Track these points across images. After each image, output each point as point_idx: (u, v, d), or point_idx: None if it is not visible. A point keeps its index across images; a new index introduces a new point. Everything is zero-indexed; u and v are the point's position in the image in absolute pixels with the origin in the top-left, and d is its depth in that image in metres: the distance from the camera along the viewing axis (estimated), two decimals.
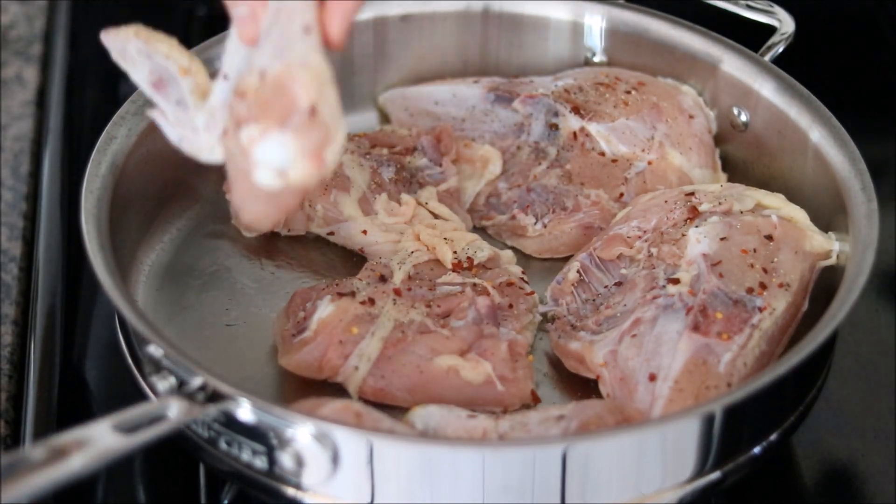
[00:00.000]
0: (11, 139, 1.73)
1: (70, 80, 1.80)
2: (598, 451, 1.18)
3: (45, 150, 1.70)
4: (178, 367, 1.20)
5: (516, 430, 1.25)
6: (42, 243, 1.57)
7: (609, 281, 1.41)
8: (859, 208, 1.35)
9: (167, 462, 1.37)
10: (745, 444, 1.26)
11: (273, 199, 1.21)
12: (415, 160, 1.55)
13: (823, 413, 1.40)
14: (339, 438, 1.17)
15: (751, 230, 1.38)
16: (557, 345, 1.38)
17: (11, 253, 1.59)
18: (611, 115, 1.53)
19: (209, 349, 1.39)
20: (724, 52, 1.54)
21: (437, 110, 1.60)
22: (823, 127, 1.44)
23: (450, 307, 1.37)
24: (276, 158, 1.16)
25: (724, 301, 1.32)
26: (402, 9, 1.62)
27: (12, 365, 1.47)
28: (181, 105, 1.29)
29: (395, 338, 1.34)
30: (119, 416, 1.14)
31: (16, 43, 1.88)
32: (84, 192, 1.35)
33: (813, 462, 1.40)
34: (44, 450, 1.09)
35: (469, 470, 1.17)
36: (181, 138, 1.29)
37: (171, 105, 1.29)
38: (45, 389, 1.42)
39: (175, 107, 1.29)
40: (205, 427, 1.23)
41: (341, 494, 1.20)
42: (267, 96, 1.18)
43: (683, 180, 1.51)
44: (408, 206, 1.49)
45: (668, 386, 1.28)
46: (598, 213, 1.50)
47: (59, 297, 1.52)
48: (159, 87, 1.29)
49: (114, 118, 1.44)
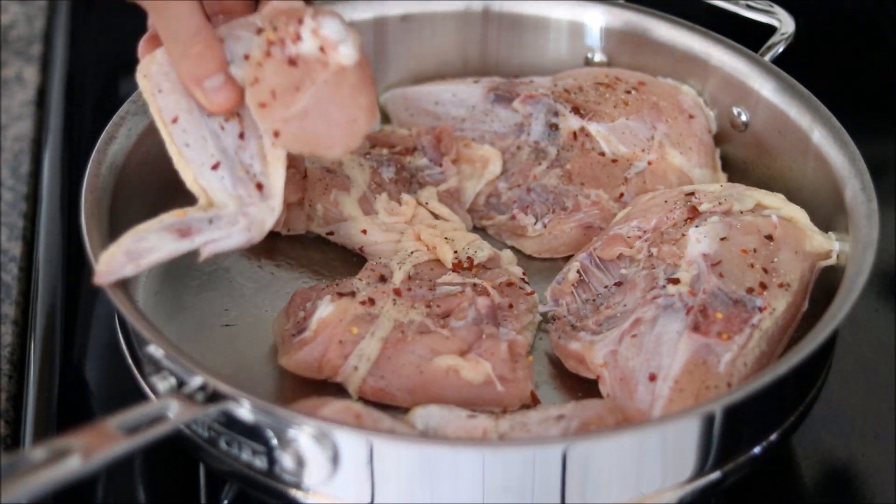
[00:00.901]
0: (11, 139, 1.73)
1: (70, 80, 1.81)
2: (598, 451, 1.18)
3: (45, 150, 1.70)
4: (177, 368, 1.20)
5: (516, 430, 1.25)
6: (42, 243, 1.57)
7: (609, 281, 1.41)
8: (859, 208, 1.35)
9: (167, 462, 1.37)
10: (745, 444, 1.26)
11: (359, 87, 1.28)
12: (415, 160, 1.55)
13: (823, 413, 1.40)
14: (339, 438, 1.17)
15: (751, 230, 1.38)
16: (557, 345, 1.38)
17: (11, 253, 1.59)
18: (611, 115, 1.53)
19: (209, 349, 1.39)
20: (725, 52, 1.54)
21: (437, 110, 1.60)
22: (823, 127, 1.44)
23: (450, 307, 1.37)
24: (338, 28, 1.26)
25: (724, 301, 1.32)
26: (402, 9, 1.62)
27: (12, 365, 1.47)
28: (215, 220, 1.30)
29: (395, 338, 1.34)
30: (119, 416, 1.14)
31: (16, 43, 1.88)
32: (84, 192, 1.35)
33: (813, 462, 1.40)
34: (44, 450, 1.09)
35: (469, 470, 1.17)
36: (246, 232, 1.31)
37: (210, 228, 1.30)
38: (45, 389, 1.42)
39: (212, 226, 1.30)
40: (205, 427, 1.23)
41: (341, 494, 1.20)
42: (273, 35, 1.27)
43: (683, 180, 1.51)
44: (408, 205, 1.49)
45: (668, 386, 1.28)
46: (598, 213, 1.50)
47: (59, 297, 1.52)
48: (189, 233, 1.30)
49: (114, 118, 1.44)
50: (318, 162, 1.50)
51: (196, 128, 1.31)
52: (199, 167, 1.31)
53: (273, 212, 1.31)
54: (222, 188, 1.31)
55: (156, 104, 1.31)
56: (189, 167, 1.31)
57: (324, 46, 1.27)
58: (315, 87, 1.28)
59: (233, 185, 1.31)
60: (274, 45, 1.28)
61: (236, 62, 1.29)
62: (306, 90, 1.28)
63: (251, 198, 1.31)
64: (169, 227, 1.29)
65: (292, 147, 1.32)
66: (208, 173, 1.31)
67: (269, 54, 1.28)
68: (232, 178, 1.31)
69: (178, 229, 1.29)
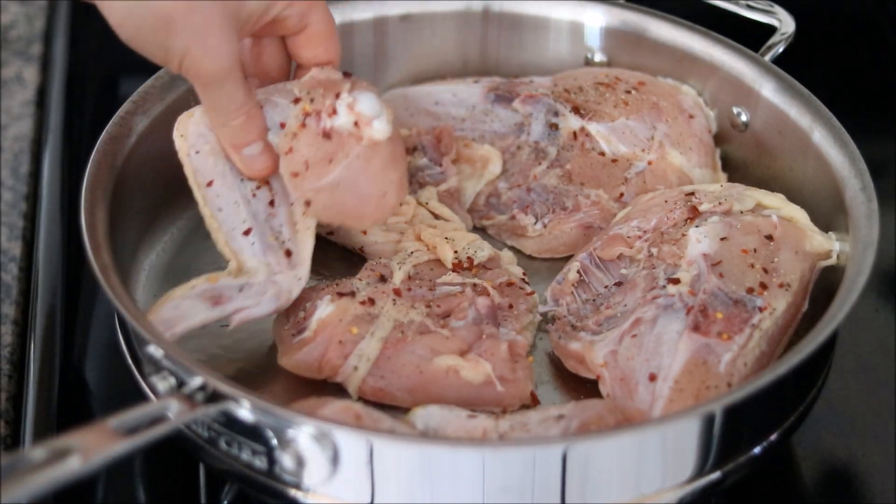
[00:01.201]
0: (11, 139, 1.73)
1: (70, 80, 1.80)
2: (598, 451, 1.18)
3: (45, 150, 1.70)
4: (177, 368, 1.20)
5: (516, 429, 1.25)
6: (42, 243, 1.57)
7: (609, 281, 1.41)
8: (859, 208, 1.35)
9: (167, 462, 1.37)
10: (745, 444, 1.26)
11: (390, 162, 1.32)
12: (415, 160, 1.55)
13: (823, 413, 1.40)
14: (338, 438, 1.17)
15: (751, 230, 1.38)
16: (558, 345, 1.38)
17: (11, 253, 1.59)
18: (611, 115, 1.53)
19: (209, 349, 1.38)
20: (724, 52, 1.54)
21: (437, 110, 1.60)
22: (824, 127, 1.44)
23: (450, 307, 1.37)
24: (374, 103, 1.30)
25: (725, 301, 1.32)
26: (402, 9, 1.62)
27: (12, 365, 1.47)
28: (245, 289, 1.32)
29: (395, 338, 1.34)
30: (119, 416, 1.14)
31: (16, 43, 1.88)
32: (84, 192, 1.35)
33: (813, 462, 1.40)
34: (44, 450, 1.09)
35: (469, 470, 1.17)
36: (275, 301, 1.33)
37: (241, 296, 1.32)
38: (45, 389, 1.42)
39: (242, 294, 1.32)
40: (205, 427, 1.23)
41: (341, 494, 1.20)
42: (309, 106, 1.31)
43: (683, 180, 1.51)
44: (408, 205, 1.49)
45: (668, 386, 1.28)
46: (598, 213, 1.50)
47: (59, 297, 1.52)
48: (220, 301, 1.32)
49: (114, 118, 1.44)
50: None
51: (230, 192, 1.34)
52: (231, 231, 1.34)
53: (300, 281, 1.34)
54: (252, 253, 1.33)
55: (191, 165, 1.34)
56: (221, 230, 1.34)
57: (358, 121, 1.31)
58: (347, 161, 1.31)
59: (263, 251, 1.33)
60: (310, 117, 1.31)
61: (273, 129, 1.32)
62: (339, 163, 1.31)
63: (280, 265, 1.34)
64: (202, 293, 1.31)
65: (322, 216, 1.35)
66: (240, 238, 1.34)
67: (305, 125, 1.31)
68: (262, 244, 1.34)
69: (211, 297, 1.31)
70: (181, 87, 1.48)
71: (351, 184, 1.32)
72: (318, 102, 1.31)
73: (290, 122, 1.31)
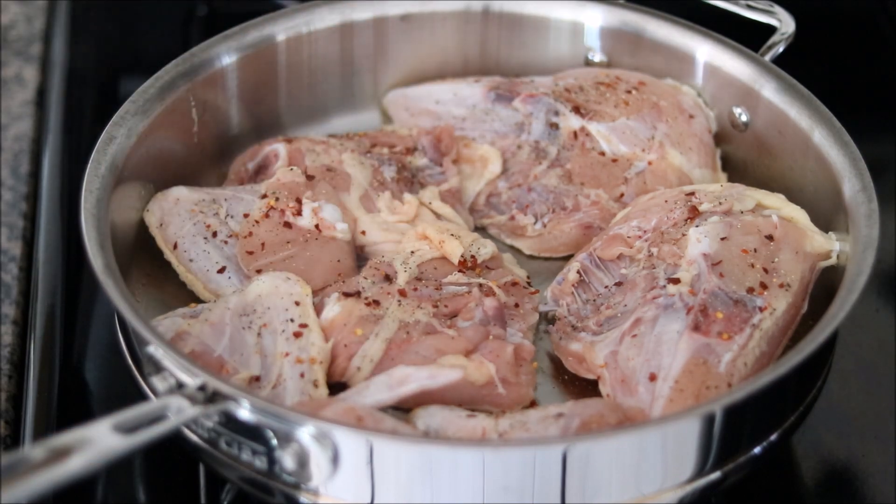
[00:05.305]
0: (11, 139, 1.73)
1: (70, 80, 1.80)
2: (598, 451, 1.18)
3: (45, 150, 1.70)
4: (177, 368, 1.20)
5: (516, 428, 1.25)
6: (42, 243, 1.57)
7: (609, 281, 1.41)
8: (859, 208, 1.35)
9: (167, 462, 1.37)
10: (745, 444, 1.26)
11: (340, 255, 1.43)
12: (415, 160, 1.55)
13: (823, 413, 1.40)
14: (339, 439, 1.17)
15: (751, 230, 1.38)
16: (558, 346, 1.38)
17: (11, 253, 1.59)
18: (611, 115, 1.53)
19: None
20: (725, 52, 1.54)
21: (437, 109, 1.60)
22: (824, 127, 1.44)
23: (457, 307, 1.37)
24: (335, 214, 1.43)
25: (725, 301, 1.32)
26: (402, 9, 1.62)
27: (12, 365, 1.47)
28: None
29: (400, 339, 1.34)
30: (119, 416, 1.14)
31: (16, 43, 1.88)
32: (84, 192, 1.35)
33: (813, 462, 1.40)
34: (44, 450, 1.09)
35: (469, 470, 1.17)
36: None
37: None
38: (45, 389, 1.42)
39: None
40: (205, 427, 1.22)
41: (341, 494, 1.20)
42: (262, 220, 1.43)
43: (683, 180, 1.51)
44: (411, 204, 1.49)
45: (668, 386, 1.28)
46: (597, 213, 1.50)
47: (59, 297, 1.52)
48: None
49: (114, 118, 1.44)
50: (319, 161, 1.50)
51: (194, 247, 1.42)
52: (206, 273, 1.42)
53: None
54: (230, 285, 1.41)
55: (160, 235, 1.44)
56: (197, 278, 1.42)
57: (320, 225, 1.43)
58: (305, 242, 1.42)
59: (240, 281, 1.40)
60: (273, 210, 1.44)
61: (235, 218, 1.43)
62: (296, 244, 1.41)
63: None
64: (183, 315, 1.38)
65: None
66: (216, 277, 1.41)
67: (268, 216, 1.43)
68: (238, 276, 1.41)
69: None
70: (181, 87, 1.48)
71: (304, 258, 1.41)
72: (282, 201, 1.43)
73: (254, 212, 1.44)
